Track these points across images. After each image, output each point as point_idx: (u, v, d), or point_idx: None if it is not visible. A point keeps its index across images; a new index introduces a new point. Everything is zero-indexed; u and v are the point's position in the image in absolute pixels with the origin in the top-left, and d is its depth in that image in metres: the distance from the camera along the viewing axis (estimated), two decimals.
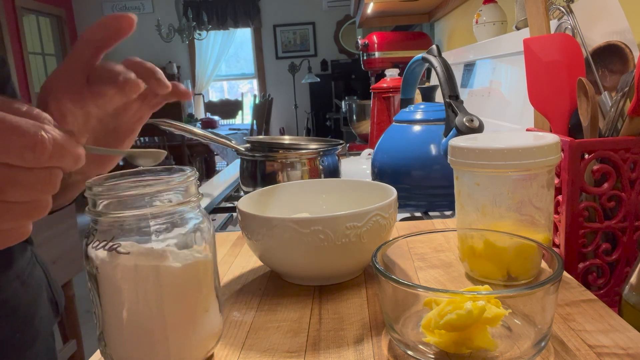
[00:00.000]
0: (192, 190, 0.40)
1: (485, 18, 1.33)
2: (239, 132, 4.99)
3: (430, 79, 1.89)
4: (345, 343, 0.44)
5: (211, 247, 0.42)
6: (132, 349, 0.39)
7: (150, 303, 0.38)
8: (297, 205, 0.67)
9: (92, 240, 0.38)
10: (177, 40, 5.79)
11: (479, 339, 0.38)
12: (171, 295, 0.38)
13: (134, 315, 0.38)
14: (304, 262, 0.54)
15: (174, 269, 0.38)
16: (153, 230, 0.38)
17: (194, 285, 0.40)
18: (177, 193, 0.39)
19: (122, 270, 0.37)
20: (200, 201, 0.41)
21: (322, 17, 6.28)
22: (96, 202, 0.38)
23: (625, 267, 0.58)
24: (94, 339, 0.41)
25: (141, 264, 0.37)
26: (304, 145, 0.95)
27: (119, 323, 0.39)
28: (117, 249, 0.37)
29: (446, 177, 0.84)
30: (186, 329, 0.39)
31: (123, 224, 0.38)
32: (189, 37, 5.37)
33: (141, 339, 0.39)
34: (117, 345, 0.39)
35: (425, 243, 0.59)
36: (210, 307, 0.42)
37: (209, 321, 0.41)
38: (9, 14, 5.02)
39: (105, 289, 0.38)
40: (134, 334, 0.39)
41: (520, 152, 0.48)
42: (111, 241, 0.37)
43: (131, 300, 0.38)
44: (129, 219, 0.37)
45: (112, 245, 0.37)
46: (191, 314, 0.40)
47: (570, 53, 0.63)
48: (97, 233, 0.38)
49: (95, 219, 0.38)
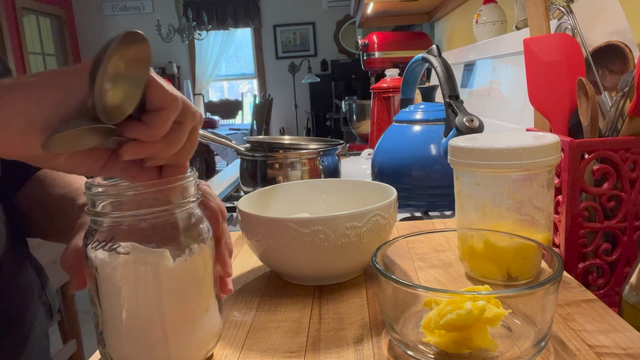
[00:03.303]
0: (192, 190, 0.40)
1: (485, 18, 1.33)
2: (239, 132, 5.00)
3: (430, 79, 1.89)
4: (345, 343, 0.44)
5: (210, 248, 0.42)
6: (132, 349, 0.39)
7: (149, 303, 0.38)
8: (297, 205, 0.67)
9: (91, 241, 0.38)
10: (177, 40, 5.78)
11: (479, 339, 0.38)
12: (170, 296, 0.38)
13: (133, 316, 0.38)
14: (304, 262, 0.54)
15: (174, 269, 0.38)
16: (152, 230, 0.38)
17: (193, 286, 0.40)
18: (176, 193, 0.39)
19: (121, 270, 0.37)
20: (199, 201, 0.41)
21: (322, 17, 6.28)
22: (95, 203, 0.38)
23: (625, 267, 0.58)
24: (94, 339, 0.41)
25: (141, 264, 0.37)
26: (304, 145, 0.95)
27: (118, 323, 0.39)
28: (116, 250, 0.37)
29: (446, 177, 0.84)
30: (186, 329, 0.39)
31: (122, 224, 0.37)
32: (189, 37, 5.37)
33: (141, 339, 0.39)
34: (116, 345, 0.39)
35: (425, 243, 0.59)
36: (210, 307, 0.42)
37: (209, 321, 0.41)
38: (9, 14, 5.02)
39: (104, 290, 0.38)
40: (133, 334, 0.39)
41: (520, 152, 0.48)
42: (111, 241, 0.37)
43: (130, 301, 0.38)
44: (128, 220, 0.37)
45: (111, 245, 0.37)
46: (191, 314, 0.40)
47: (570, 53, 0.63)
48: (97, 233, 0.38)
49: (94, 220, 0.38)
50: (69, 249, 0.43)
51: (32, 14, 5.47)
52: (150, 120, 0.34)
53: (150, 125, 0.34)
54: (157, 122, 0.34)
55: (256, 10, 6.28)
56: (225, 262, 0.46)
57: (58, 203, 0.58)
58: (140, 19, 6.18)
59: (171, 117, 0.35)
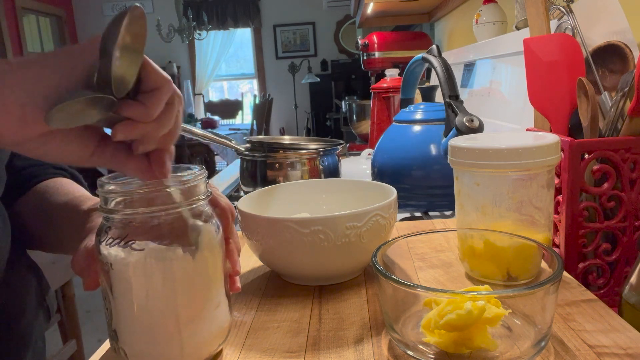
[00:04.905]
0: (202, 188, 0.41)
1: (485, 18, 1.33)
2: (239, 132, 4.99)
3: (430, 79, 1.89)
4: (345, 343, 0.44)
5: (221, 245, 0.43)
6: (145, 344, 0.40)
7: (163, 298, 0.39)
8: (297, 205, 0.67)
9: (105, 238, 0.39)
10: (177, 40, 5.78)
11: (479, 339, 0.38)
12: (183, 291, 0.39)
13: (147, 310, 0.39)
14: (304, 262, 0.54)
15: (186, 265, 0.39)
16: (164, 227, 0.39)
17: (205, 282, 0.41)
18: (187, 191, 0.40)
19: (135, 266, 0.38)
20: (209, 199, 0.42)
21: (322, 17, 6.28)
22: (108, 200, 0.39)
23: (625, 267, 0.58)
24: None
25: (154, 260, 0.38)
26: (304, 145, 0.95)
27: (132, 318, 0.39)
28: (132, 246, 0.38)
29: (446, 177, 0.84)
30: (199, 323, 0.40)
31: (134, 221, 0.38)
32: (189, 37, 5.37)
33: (154, 334, 0.39)
34: (129, 339, 0.40)
35: (425, 243, 0.59)
36: (221, 303, 0.42)
37: (220, 316, 0.42)
38: (9, 14, 5.02)
39: (118, 285, 0.39)
40: (146, 328, 0.39)
41: (520, 152, 0.48)
42: (125, 238, 0.38)
43: (144, 296, 0.39)
44: (140, 217, 0.38)
45: (127, 242, 0.38)
46: (203, 309, 0.41)
47: (570, 53, 0.63)
48: (110, 231, 0.39)
49: (107, 217, 0.39)
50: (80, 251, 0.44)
51: (32, 14, 5.47)
52: (147, 99, 0.35)
53: (147, 105, 0.35)
54: (153, 101, 0.36)
55: (256, 10, 6.28)
56: (234, 260, 0.48)
57: (61, 211, 0.58)
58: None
59: (166, 97, 0.36)
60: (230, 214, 0.49)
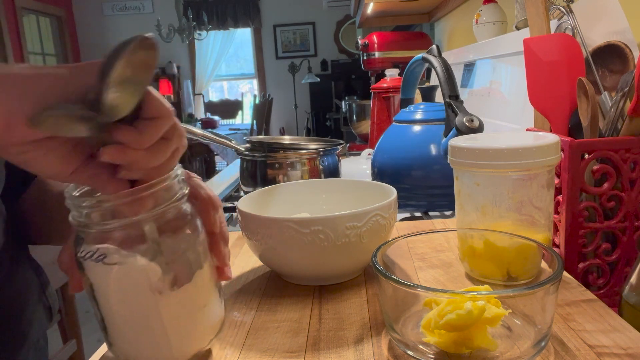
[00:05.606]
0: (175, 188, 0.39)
1: (485, 18, 1.33)
2: (239, 132, 4.99)
3: (430, 79, 1.89)
4: (345, 343, 0.44)
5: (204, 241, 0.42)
6: (136, 347, 0.40)
7: (145, 304, 0.38)
8: (297, 205, 0.67)
9: (79, 250, 0.37)
10: (177, 40, 5.77)
11: (479, 339, 0.38)
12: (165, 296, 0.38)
13: (131, 317, 0.39)
14: (304, 262, 0.54)
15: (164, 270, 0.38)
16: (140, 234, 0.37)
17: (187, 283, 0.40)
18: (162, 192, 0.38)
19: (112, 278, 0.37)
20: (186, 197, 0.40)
21: (322, 17, 6.28)
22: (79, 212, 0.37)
23: (625, 267, 0.58)
24: (94, 339, 0.41)
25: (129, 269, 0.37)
26: (304, 145, 0.95)
27: (119, 325, 0.39)
28: (104, 261, 0.36)
29: (446, 177, 0.84)
30: (185, 324, 0.40)
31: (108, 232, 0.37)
32: (189, 37, 5.37)
33: (142, 338, 0.39)
34: (121, 344, 0.40)
35: (425, 243, 0.59)
36: (210, 301, 0.42)
37: (208, 314, 0.42)
38: (9, 14, 5.02)
39: (100, 295, 0.39)
40: (134, 333, 0.39)
41: (520, 152, 0.48)
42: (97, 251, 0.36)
43: (126, 304, 0.38)
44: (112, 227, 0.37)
45: (98, 256, 0.36)
46: (189, 309, 0.40)
47: (570, 53, 0.63)
48: (83, 243, 0.37)
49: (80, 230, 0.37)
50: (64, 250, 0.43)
51: (32, 14, 5.47)
52: (143, 127, 0.34)
53: (142, 132, 0.34)
54: (149, 130, 0.35)
55: (256, 10, 6.28)
56: (220, 253, 0.45)
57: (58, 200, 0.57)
58: (140, 19, 6.19)
59: (163, 128, 0.35)
60: (212, 205, 0.45)
